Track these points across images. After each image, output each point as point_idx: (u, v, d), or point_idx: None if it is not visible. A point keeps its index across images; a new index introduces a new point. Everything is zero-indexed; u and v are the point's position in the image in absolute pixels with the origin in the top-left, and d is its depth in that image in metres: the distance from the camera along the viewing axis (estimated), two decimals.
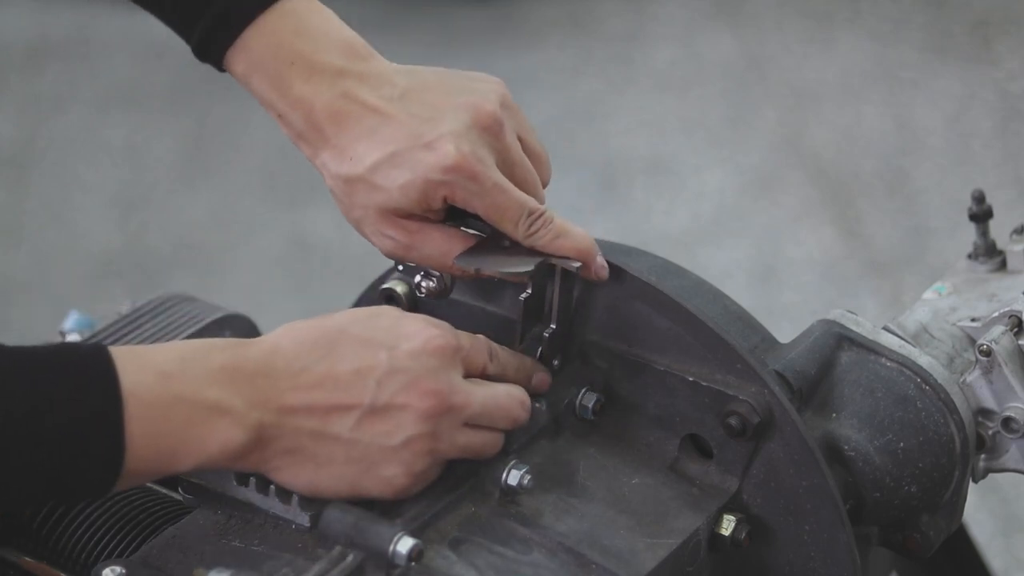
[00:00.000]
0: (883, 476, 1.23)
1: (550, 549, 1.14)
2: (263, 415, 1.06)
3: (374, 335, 1.10)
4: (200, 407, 1.04)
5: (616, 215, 3.56)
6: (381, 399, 1.08)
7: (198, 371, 1.05)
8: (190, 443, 1.04)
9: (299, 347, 1.09)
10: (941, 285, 1.38)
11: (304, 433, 1.07)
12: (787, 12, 4.26)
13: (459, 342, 1.14)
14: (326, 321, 1.12)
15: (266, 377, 1.07)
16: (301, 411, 1.07)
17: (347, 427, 1.08)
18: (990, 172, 3.57)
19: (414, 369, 1.10)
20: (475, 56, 4.17)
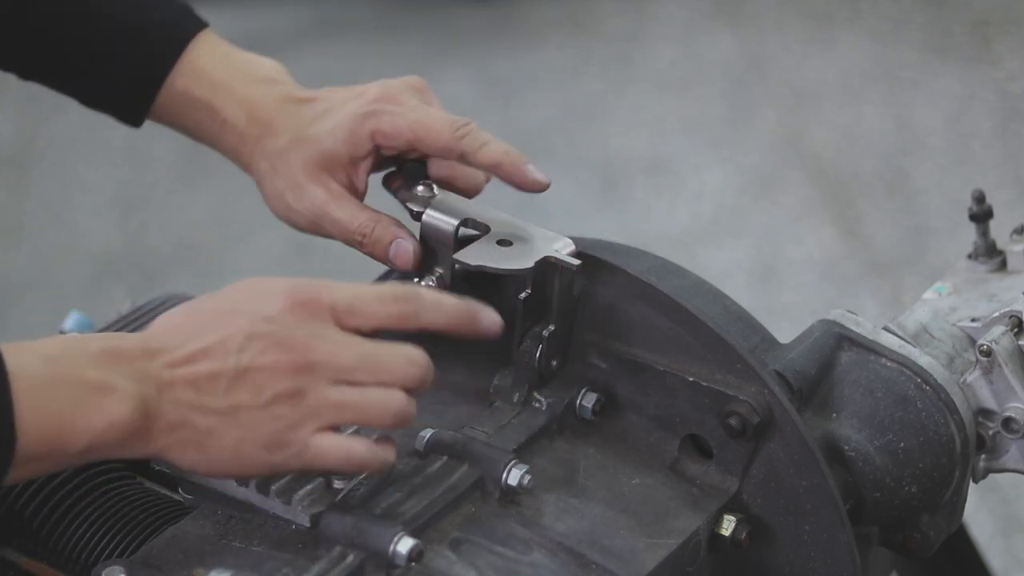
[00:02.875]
0: (883, 476, 1.23)
1: (550, 549, 1.14)
2: (145, 390, 1.07)
3: (236, 305, 1.12)
4: (84, 386, 1.06)
5: (616, 215, 3.56)
6: (243, 362, 1.09)
7: (79, 354, 1.07)
8: (77, 421, 1.05)
9: (171, 328, 1.11)
10: (941, 285, 1.38)
11: (183, 405, 1.08)
12: (787, 12, 4.26)
13: (322, 294, 1.12)
14: (196, 303, 1.14)
15: (143, 358, 1.08)
16: (178, 384, 1.08)
17: (219, 395, 1.09)
18: (990, 172, 3.57)
19: (274, 330, 1.10)
20: (475, 56, 4.17)
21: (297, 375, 1.09)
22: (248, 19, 4.42)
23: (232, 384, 1.09)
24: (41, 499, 1.24)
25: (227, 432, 1.08)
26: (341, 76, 4.57)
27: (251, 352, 1.09)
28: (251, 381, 1.09)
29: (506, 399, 1.24)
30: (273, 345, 1.09)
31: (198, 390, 1.08)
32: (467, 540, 1.13)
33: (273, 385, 1.09)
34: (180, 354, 1.09)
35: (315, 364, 1.09)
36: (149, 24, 1.37)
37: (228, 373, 1.08)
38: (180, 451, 1.09)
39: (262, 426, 1.09)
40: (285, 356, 1.09)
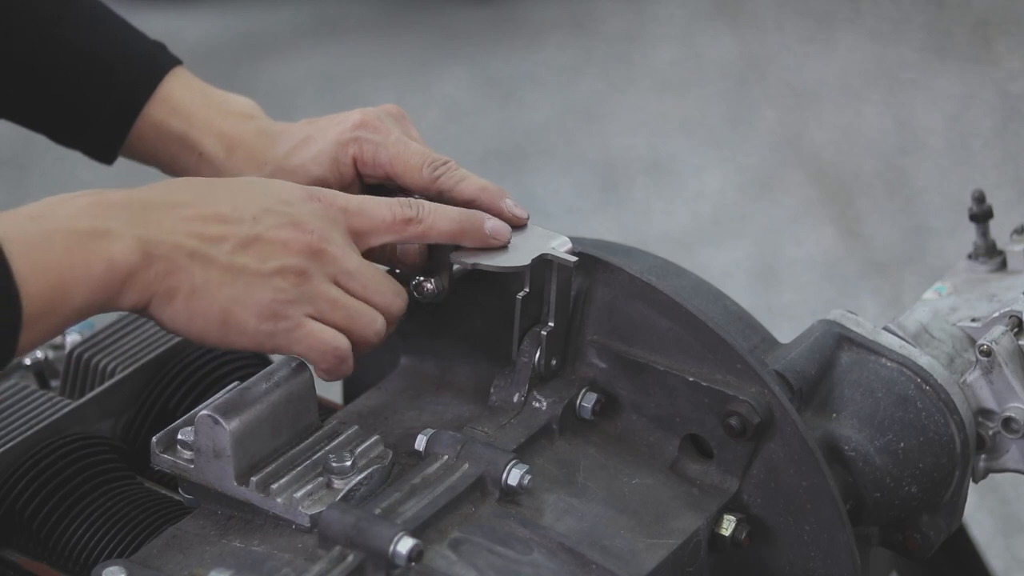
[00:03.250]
0: (883, 476, 1.23)
1: (550, 549, 1.14)
2: (142, 231, 1.08)
3: (253, 186, 1.15)
4: (77, 234, 1.06)
5: (616, 215, 3.56)
6: (256, 231, 1.11)
7: (68, 208, 1.08)
8: (77, 268, 1.06)
9: (172, 186, 1.13)
10: (941, 285, 1.38)
11: (183, 252, 1.09)
12: (787, 12, 4.26)
13: (341, 198, 1.17)
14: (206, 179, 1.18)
15: (139, 204, 1.10)
16: (180, 230, 1.09)
17: (224, 251, 1.10)
18: (990, 172, 3.57)
19: (292, 211, 1.13)
20: (475, 56, 4.17)
21: (306, 256, 1.12)
22: (248, 19, 4.41)
23: (241, 244, 1.11)
24: (41, 499, 1.24)
25: (222, 289, 1.10)
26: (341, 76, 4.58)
27: (266, 224, 1.11)
28: (260, 248, 1.11)
29: (506, 399, 1.24)
30: (289, 223, 1.12)
31: (202, 241, 1.09)
32: (467, 540, 1.13)
33: (281, 257, 1.11)
34: (186, 210, 1.10)
35: (323, 253, 1.13)
36: (123, 58, 1.35)
37: (238, 237, 1.11)
38: (168, 299, 1.10)
39: (260, 292, 1.11)
40: (299, 235, 1.12)
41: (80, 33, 1.35)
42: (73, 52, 1.35)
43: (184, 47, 1.27)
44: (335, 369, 1.16)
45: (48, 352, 1.45)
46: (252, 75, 4.11)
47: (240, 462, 1.13)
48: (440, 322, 1.30)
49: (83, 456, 1.27)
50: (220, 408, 1.14)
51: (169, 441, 1.17)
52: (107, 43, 1.36)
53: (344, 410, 1.29)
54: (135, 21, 1.40)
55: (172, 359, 1.36)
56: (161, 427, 1.19)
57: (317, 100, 3.95)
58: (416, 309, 1.30)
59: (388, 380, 1.32)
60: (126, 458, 1.30)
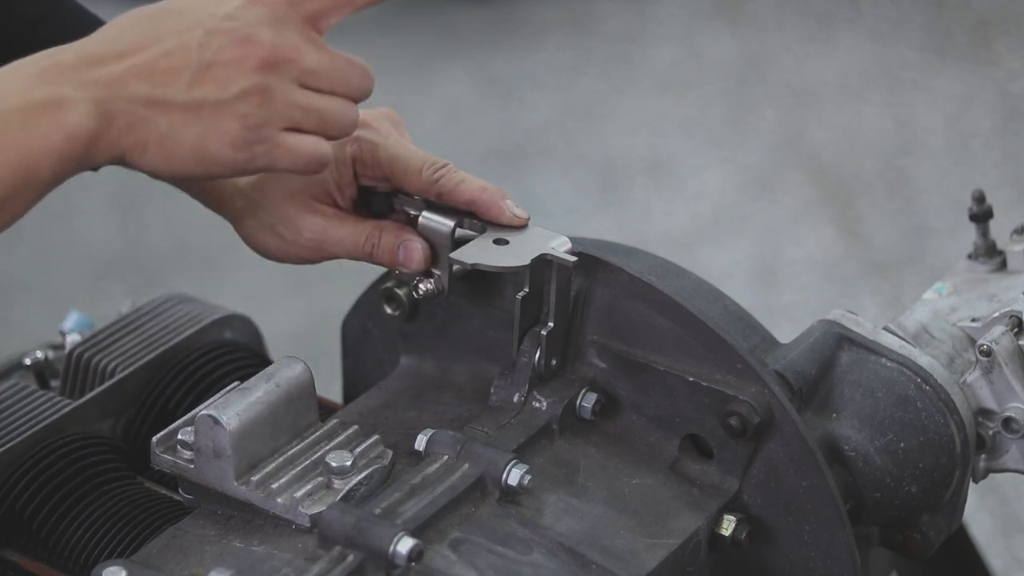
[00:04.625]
0: (883, 476, 1.23)
1: (550, 549, 1.14)
2: (95, 92, 1.06)
3: (193, 4, 1.11)
4: (32, 108, 1.05)
5: (616, 215, 3.56)
6: (206, 57, 1.09)
7: (19, 81, 1.06)
8: (36, 143, 1.05)
9: (117, 29, 1.10)
10: (941, 285, 1.38)
11: (140, 102, 1.07)
12: (787, 12, 4.26)
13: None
14: (141, 8, 1.13)
15: (89, 63, 1.07)
16: (131, 80, 1.07)
17: (180, 90, 1.08)
18: (990, 172, 3.57)
19: (238, 25, 1.10)
20: (475, 56, 4.17)
21: (263, 71, 1.09)
22: None
23: (195, 78, 1.08)
24: (41, 499, 1.24)
25: (189, 128, 1.08)
26: None
27: (213, 48, 1.08)
28: (215, 76, 1.08)
29: (506, 399, 1.24)
30: (237, 40, 1.09)
31: (154, 84, 1.07)
32: (467, 540, 1.13)
33: (240, 80, 1.08)
34: (130, 50, 1.08)
35: (280, 61, 1.09)
36: None
37: (190, 68, 1.08)
38: (141, 151, 1.09)
39: (227, 122, 1.09)
40: (251, 51, 1.09)
41: (63, 35, 1.33)
42: None
43: None
44: (319, 171, 1.15)
45: (48, 352, 1.45)
46: None
47: (240, 462, 1.13)
48: (440, 322, 1.30)
49: (83, 456, 1.27)
50: (220, 408, 1.13)
51: (169, 441, 1.17)
52: None
53: (344, 410, 1.29)
54: None
55: (172, 359, 1.36)
56: (161, 427, 1.19)
57: None
58: (416, 309, 1.30)
59: (388, 380, 1.32)
60: (126, 458, 1.30)
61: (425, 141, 1.29)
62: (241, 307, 1.50)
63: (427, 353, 1.31)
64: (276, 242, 1.28)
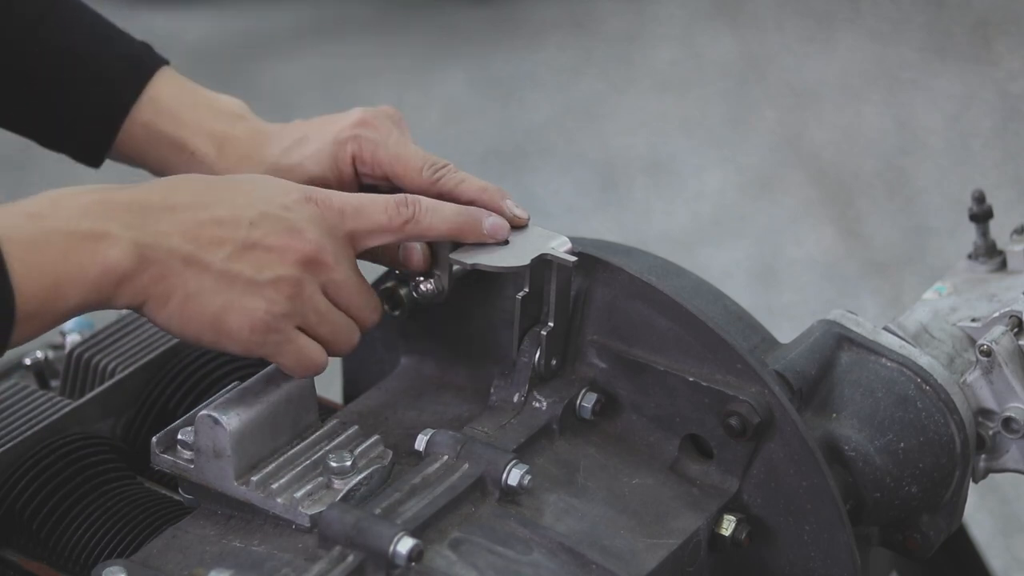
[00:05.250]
0: (883, 476, 1.23)
1: (550, 549, 1.14)
2: (140, 235, 1.08)
3: (252, 185, 1.14)
4: (76, 236, 1.07)
5: (616, 215, 3.56)
6: (253, 237, 1.11)
7: (69, 208, 1.08)
8: (72, 270, 1.06)
9: (175, 183, 1.13)
10: (941, 285, 1.38)
11: (179, 257, 1.09)
12: (787, 12, 4.26)
13: (338, 199, 1.16)
14: (207, 175, 1.16)
15: (141, 206, 1.09)
16: (176, 234, 1.09)
17: (220, 258, 1.10)
18: (990, 172, 3.57)
19: (292, 216, 1.13)
20: (475, 56, 4.17)
21: (301, 266, 1.12)
22: (248, 19, 4.41)
23: (237, 252, 1.10)
24: (41, 499, 1.24)
25: (216, 296, 1.10)
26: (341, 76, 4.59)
27: (263, 230, 1.11)
28: (256, 256, 1.11)
29: (506, 399, 1.24)
30: (286, 230, 1.12)
31: (198, 246, 1.09)
32: (467, 540, 1.13)
33: (277, 267, 1.11)
34: (183, 210, 1.10)
35: (318, 263, 1.13)
36: (109, 59, 1.34)
37: (236, 241, 1.10)
38: (162, 303, 1.10)
39: (253, 303, 1.11)
40: (296, 244, 1.12)
41: (64, 34, 1.34)
42: (57, 53, 1.33)
43: (184, 47, 1.26)
44: (306, 376, 1.17)
45: (48, 352, 1.45)
46: (252, 75, 4.10)
47: (240, 462, 1.13)
48: (440, 322, 1.30)
49: (83, 456, 1.27)
50: (220, 408, 1.14)
51: (169, 441, 1.17)
52: (92, 44, 1.34)
53: (344, 410, 1.29)
54: (136, 21, 1.39)
55: (172, 359, 1.36)
56: (161, 427, 1.19)
57: (317, 100, 3.94)
58: (416, 309, 1.30)
59: (388, 380, 1.32)
60: (126, 458, 1.30)
61: (425, 141, 1.29)
62: None
63: (427, 353, 1.31)
64: None
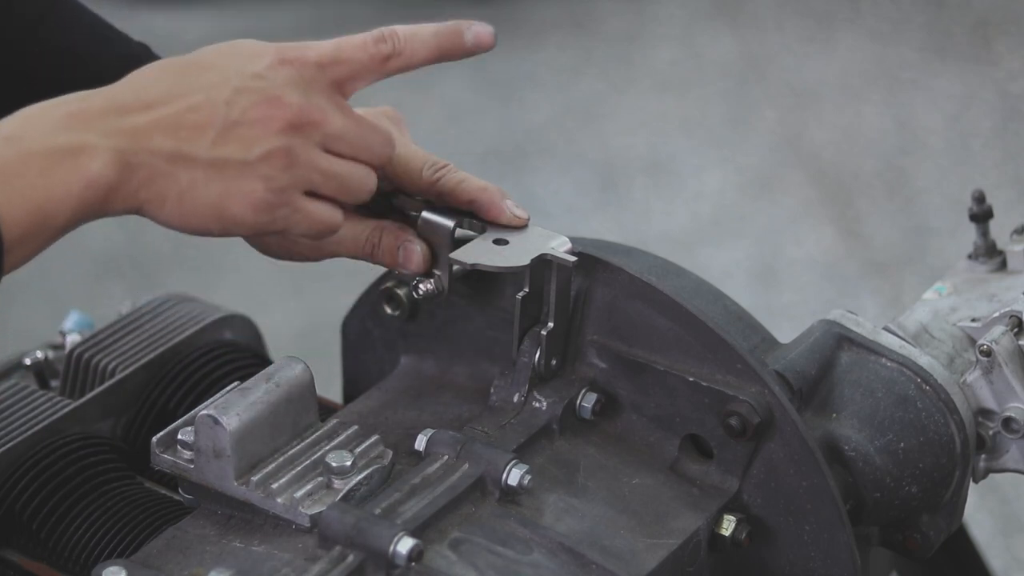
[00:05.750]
0: (883, 476, 1.23)
1: (550, 549, 1.14)
2: (119, 142, 1.06)
3: (221, 59, 1.10)
4: (53, 153, 1.04)
5: (616, 215, 3.56)
6: (233, 115, 1.08)
7: (43, 124, 1.05)
8: (55, 189, 1.04)
9: (145, 79, 1.09)
10: (941, 285, 1.38)
11: (163, 156, 1.07)
12: (787, 12, 4.26)
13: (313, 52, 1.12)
14: (171, 60, 1.12)
15: (115, 111, 1.06)
16: (156, 132, 1.06)
17: (204, 147, 1.07)
18: (990, 172, 3.57)
19: (266, 85, 1.09)
20: (475, 56, 4.16)
21: (288, 133, 1.08)
22: (248, 19, 4.41)
23: (220, 136, 1.07)
24: (41, 499, 1.24)
25: (210, 185, 1.07)
26: None
27: (241, 106, 1.07)
28: (241, 135, 1.07)
29: (506, 399, 1.24)
30: (264, 100, 1.08)
31: (179, 139, 1.06)
32: (467, 540, 1.13)
33: (264, 141, 1.08)
34: (158, 102, 1.07)
35: (306, 124, 1.09)
36: (108, 60, 1.33)
37: (216, 125, 1.07)
38: (159, 205, 1.08)
39: (250, 183, 1.08)
40: (277, 112, 1.08)
41: (64, 34, 1.34)
42: (57, 53, 1.33)
43: (184, 47, 1.25)
44: (328, 236, 1.16)
45: (48, 352, 1.45)
46: None
47: (240, 462, 1.13)
48: (440, 322, 1.30)
49: (83, 456, 1.27)
50: (220, 408, 1.13)
51: (169, 441, 1.17)
52: (92, 44, 1.34)
53: (344, 410, 1.29)
54: (136, 21, 1.39)
55: (172, 359, 1.36)
56: (161, 427, 1.19)
57: None
58: (416, 309, 1.30)
59: (388, 380, 1.32)
60: (126, 458, 1.30)
61: (425, 141, 1.29)
62: (241, 307, 1.50)
63: (427, 353, 1.31)
64: (277, 240, 1.28)
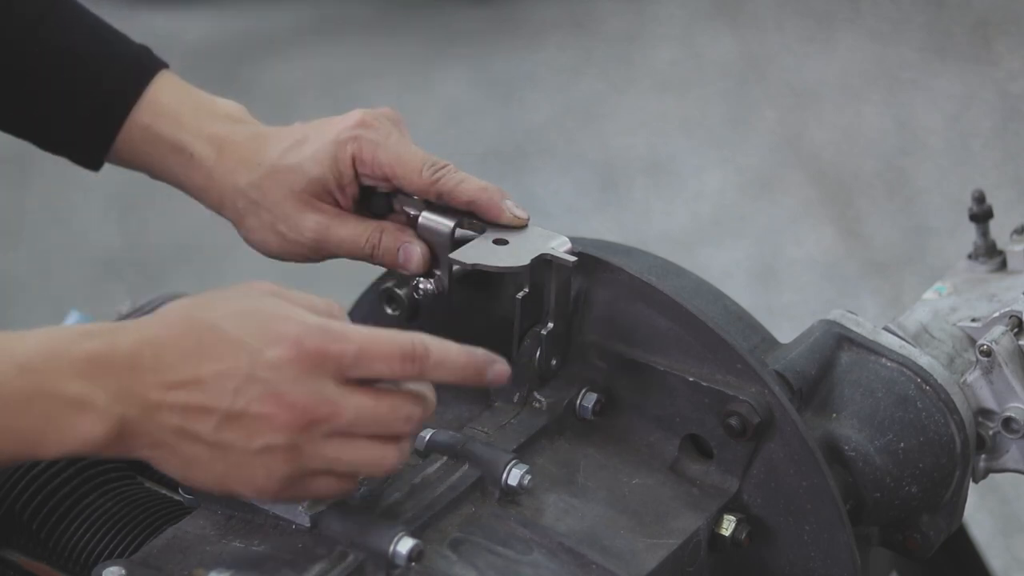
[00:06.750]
0: (883, 476, 1.23)
1: (550, 549, 1.14)
2: (126, 409, 1.05)
3: (242, 336, 1.07)
4: (60, 401, 1.03)
5: (616, 215, 3.56)
6: (238, 405, 1.06)
7: (62, 363, 1.04)
8: (50, 435, 1.04)
9: (168, 340, 1.07)
10: (941, 285, 1.38)
11: (168, 430, 1.06)
12: (787, 12, 4.26)
13: (331, 347, 1.07)
14: (201, 312, 1.09)
15: (132, 370, 1.05)
16: (164, 408, 1.06)
17: (209, 429, 1.06)
18: (990, 172, 3.57)
19: (274, 379, 1.06)
20: (475, 56, 4.17)
21: (292, 432, 1.06)
22: (248, 19, 4.42)
23: (224, 422, 1.06)
24: (41, 499, 1.24)
25: (213, 464, 1.06)
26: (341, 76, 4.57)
27: (247, 397, 1.06)
28: (244, 426, 1.06)
29: (506, 399, 1.24)
30: (270, 396, 1.06)
31: (185, 418, 1.06)
32: (467, 540, 1.13)
33: (266, 436, 1.06)
34: (172, 376, 1.06)
35: (311, 422, 1.06)
36: (108, 62, 1.33)
37: (220, 412, 1.06)
38: (162, 463, 1.08)
39: (250, 471, 1.07)
40: (282, 412, 1.06)
41: (64, 35, 1.33)
42: (56, 55, 1.33)
43: (184, 47, 1.26)
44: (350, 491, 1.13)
45: None
46: (252, 75, 4.11)
47: None
48: (440, 322, 1.30)
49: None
50: None
51: None
52: (91, 46, 1.34)
53: None
54: (135, 21, 1.39)
55: None
56: None
57: (317, 100, 3.95)
58: (416, 309, 1.30)
59: None
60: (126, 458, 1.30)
61: (425, 141, 1.29)
62: None
63: None
64: (277, 241, 1.29)
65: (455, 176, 1.24)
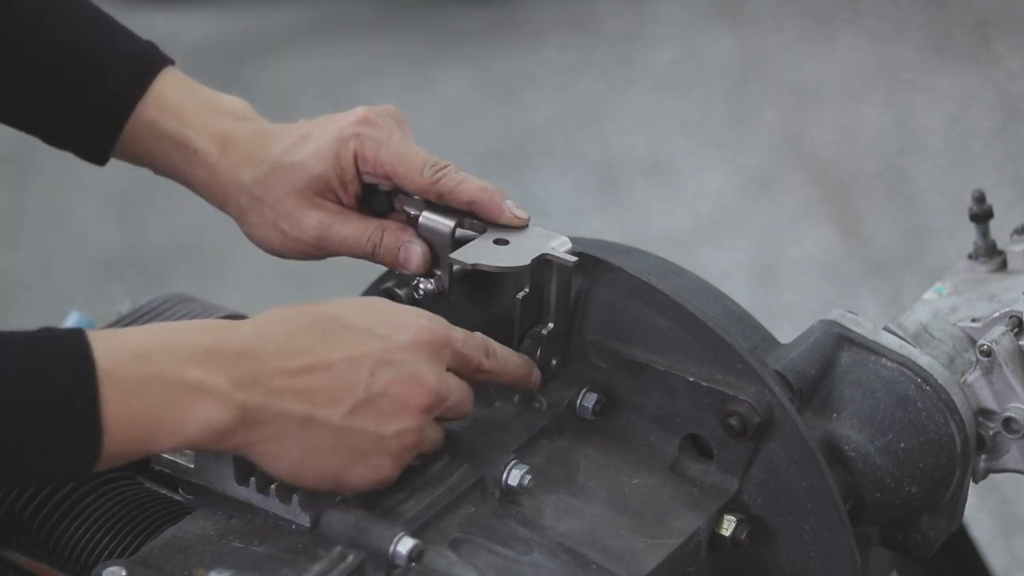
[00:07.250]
0: (883, 476, 1.23)
1: (550, 549, 1.14)
2: (249, 396, 1.04)
3: (368, 324, 1.09)
4: (179, 386, 1.02)
5: (616, 215, 3.56)
6: (375, 388, 1.07)
7: (177, 351, 1.03)
8: (168, 423, 1.02)
9: (288, 331, 1.07)
10: (941, 285, 1.38)
11: (293, 419, 1.05)
12: (787, 12, 4.26)
13: (451, 335, 1.14)
14: (316, 307, 1.11)
15: (252, 359, 1.05)
16: (290, 395, 1.05)
17: (339, 415, 1.06)
18: (990, 172, 3.57)
19: (407, 361, 1.09)
20: (475, 56, 4.17)
21: (423, 414, 1.09)
22: (248, 19, 4.42)
23: (358, 407, 1.06)
24: (41, 499, 1.24)
25: (337, 453, 1.07)
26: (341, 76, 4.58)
27: (385, 379, 1.07)
28: (379, 410, 1.07)
29: (506, 399, 1.24)
30: (409, 377, 1.08)
31: (314, 403, 1.05)
32: (467, 540, 1.13)
33: (401, 420, 1.08)
34: (298, 363, 1.05)
35: (437, 404, 1.10)
36: (114, 57, 1.33)
37: (356, 395, 1.06)
38: (274, 458, 1.07)
39: (379, 458, 1.08)
40: (419, 393, 1.08)
41: (66, 31, 1.33)
42: (60, 51, 1.33)
43: (184, 47, 1.26)
44: None
45: None
46: (252, 75, 4.11)
47: (240, 462, 1.13)
48: None
49: None
50: None
51: None
52: (96, 42, 1.34)
53: None
54: (135, 21, 1.39)
55: None
56: None
57: (317, 100, 3.95)
58: None
59: None
60: None
61: (425, 141, 1.29)
62: (242, 307, 1.50)
63: None
64: (279, 238, 1.29)
65: (456, 176, 1.25)
